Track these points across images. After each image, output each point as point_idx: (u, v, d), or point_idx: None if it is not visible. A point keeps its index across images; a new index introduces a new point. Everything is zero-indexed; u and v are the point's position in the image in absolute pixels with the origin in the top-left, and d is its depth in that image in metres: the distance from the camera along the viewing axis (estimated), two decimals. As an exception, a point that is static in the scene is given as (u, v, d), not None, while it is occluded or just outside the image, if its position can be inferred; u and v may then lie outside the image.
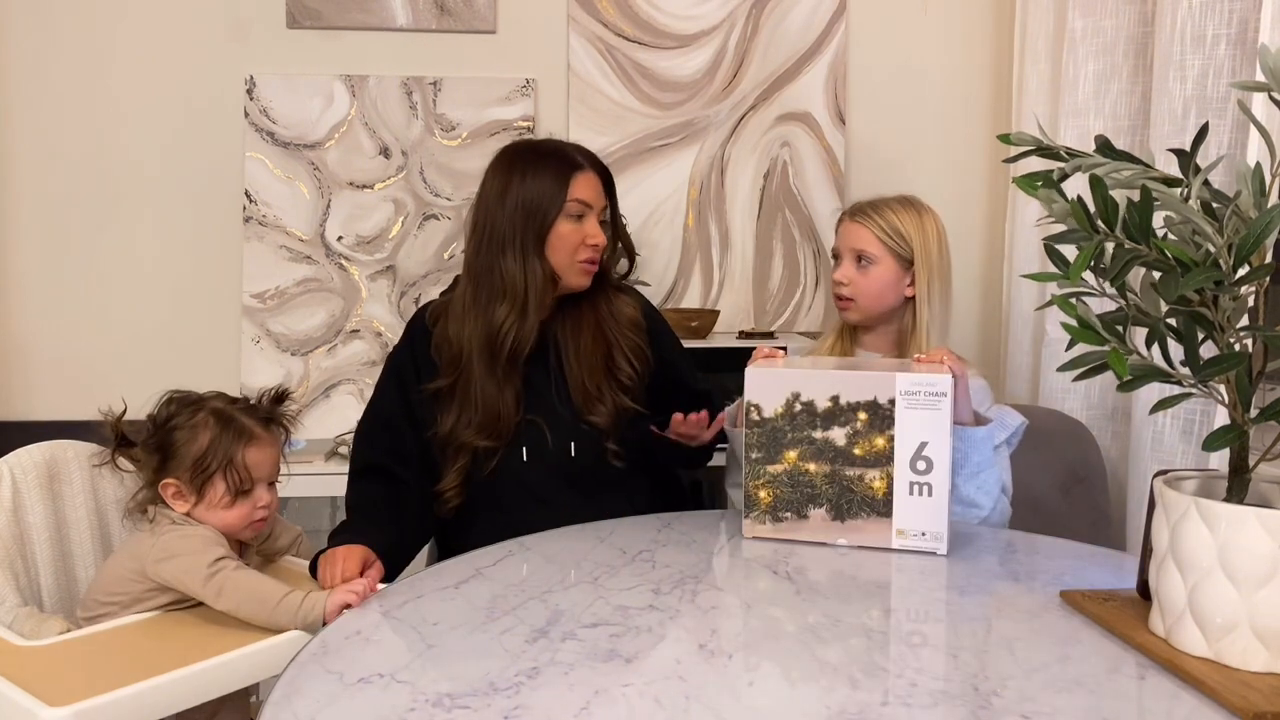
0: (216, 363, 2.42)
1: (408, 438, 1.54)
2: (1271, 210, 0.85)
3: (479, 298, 1.52)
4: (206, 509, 1.29)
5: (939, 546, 1.26)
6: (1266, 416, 0.89)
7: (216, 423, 1.30)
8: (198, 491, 1.29)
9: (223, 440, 1.29)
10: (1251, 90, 0.92)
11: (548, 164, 1.51)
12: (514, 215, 1.49)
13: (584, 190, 1.51)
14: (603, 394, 1.54)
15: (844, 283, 1.61)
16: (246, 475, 1.30)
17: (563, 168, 1.51)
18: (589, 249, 1.52)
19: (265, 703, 0.86)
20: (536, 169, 1.51)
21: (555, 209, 1.49)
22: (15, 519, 1.34)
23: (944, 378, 1.24)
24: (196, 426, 1.29)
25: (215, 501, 1.29)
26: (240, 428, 1.31)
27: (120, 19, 2.41)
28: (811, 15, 2.52)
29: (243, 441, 1.30)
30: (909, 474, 1.26)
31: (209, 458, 1.28)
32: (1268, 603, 0.87)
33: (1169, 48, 1.78)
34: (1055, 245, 0.96)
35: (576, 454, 1.53)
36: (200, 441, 1.28)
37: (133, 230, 2.45)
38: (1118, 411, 2.06)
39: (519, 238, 1.49)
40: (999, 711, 0.83)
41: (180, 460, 1.28)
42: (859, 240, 1.60)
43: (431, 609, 1.08)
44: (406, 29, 2.46)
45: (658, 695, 0.86)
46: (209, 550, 1.23)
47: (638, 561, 1.23)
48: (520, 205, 1.49)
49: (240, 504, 1.30)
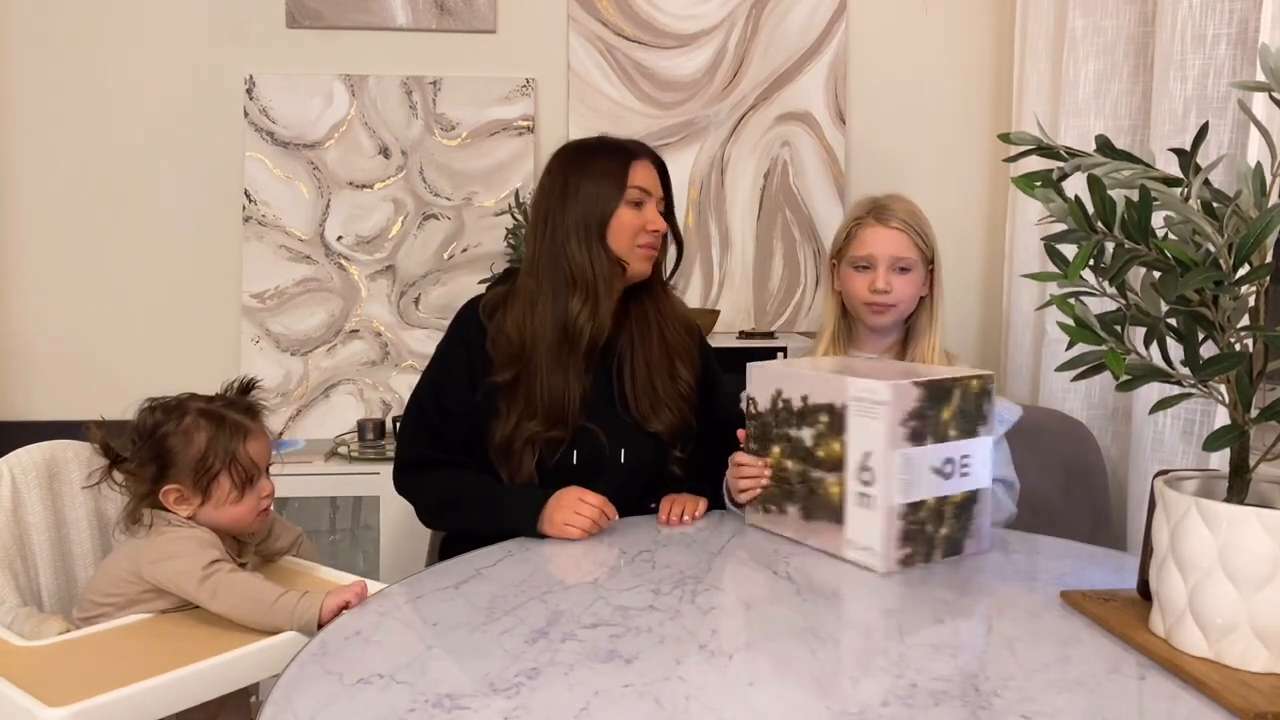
0: (216, 363, 2.42)
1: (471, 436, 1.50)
2: (1272, 210, 0.85)
3: (544, 289, 1.50)
4: (214, 508, 1.30)
5: (876, 564, 1.19)
6: (1267, 416, 0.89)
7: (209, 423, 1.30)
8: (203, 492, 1.29)
9: (220, 438, 1.29)
10: (1252, 90, 0.92)
11: (607, 154, 1.53)
12: (577, 206, 1.50)
13: (643, 177, 1.51)
14: (667, 402, 1.53)
15: (886, 289, 1.57)
16: (252, 466, 1.32)
17: (621, 156, 1.52)
18: (649, 234, 1.51)
19: (265, 703, 0.86)
20: (595, 159, 1.52)
21: (617, 196, 1.49)
22: (15, 519, 1.34)
23: (886, 386, 1.16)
24: (189, 430, 1.29)
25: (223, 499, 1.30)
26: (234, 424, 1.31)
27: (120, 19, 2.41)
28: (811, 15, 2.52)
29: (240, 436, 1.31)
30: (856, 483, 1.21)
31: (210, 457, 1.28)
32: (1268, 603, 0.86)
33: (1169, 47, 1.78)
34: (1055, 245, 0.96)
35: (626, 460, 1.51)
36: (198, 443, 1.28)
37: (132, 230, 2.45)
38: (1118, 411, 2.06)
39: (583, 227, 1.49)
40: (999, 711, 0.83)
41: (180, 465, 1.28)
42: (898, 247, 1.58)
43: (431, 609, 1.08)
44: (406, 29, 2.46)
45: (658, 695, 0.86)
46: (204, 553, 1.23)
47: (638, 561, 1.23)
48: (582, 195, 1.50)
49: (248, 496, 1.32)
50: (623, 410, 1.52)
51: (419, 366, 2.43)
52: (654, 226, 1.51)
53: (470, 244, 2.47)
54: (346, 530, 2.24)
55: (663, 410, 1.52)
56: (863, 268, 1.60)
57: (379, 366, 2.45)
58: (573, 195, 1.50)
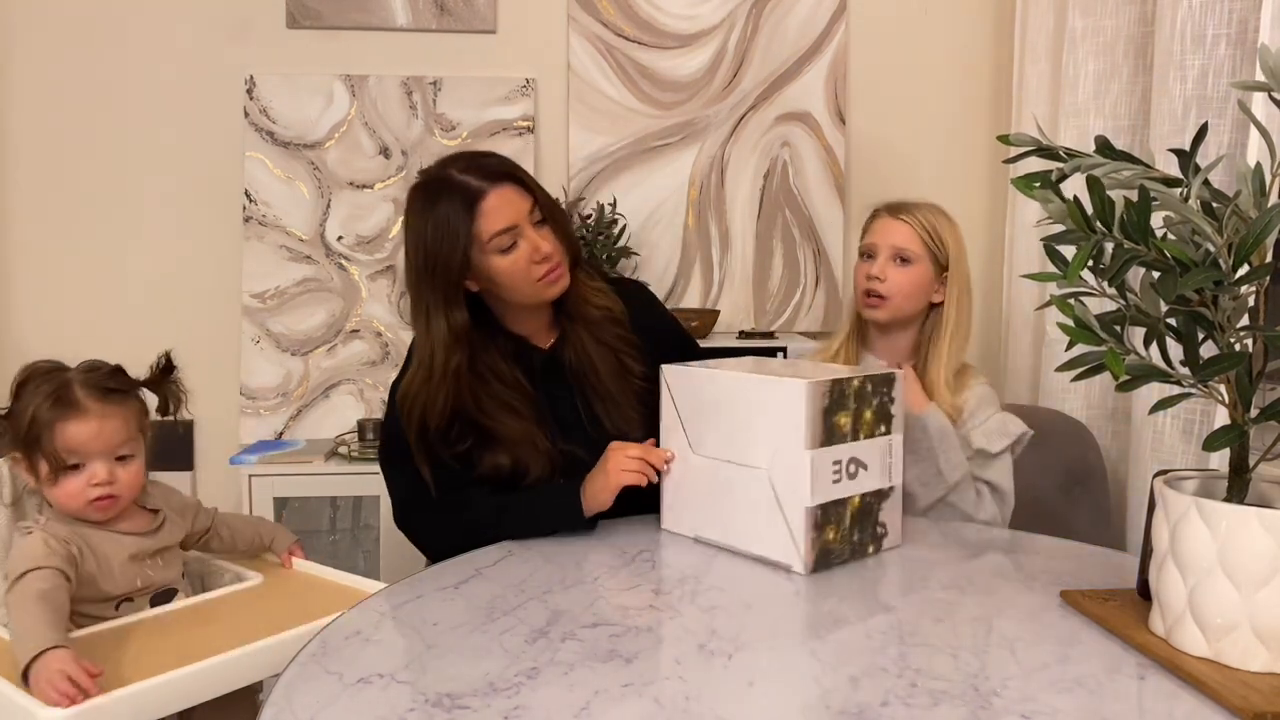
0: (216, 363, 2.42)
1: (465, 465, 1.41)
2: (1271, 210, 0.85)
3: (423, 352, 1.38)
4: (41, 485, 1.24)
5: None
6: (1266, 416, 0.89)
7: (48, 394, 1.22)
8: (34, 467, 1.23)
9: (41, 413, 1.21)
10: (1251, 90, 0.92)
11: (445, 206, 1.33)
12: (421, 277, 1.34)
13: (500, 218, 1.32)
14: (630, 407, 1.44)
15: (880, 278, 1.55)
16: (65, 450, 1.22)
17: (464, 204, 1.32)
18: (540, 265, 1.36)
19: (265, 703, 0.86)
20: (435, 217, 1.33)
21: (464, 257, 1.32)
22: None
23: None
24: (28, 397, 1.22)
25: (45, 478, 1.23)
26: (67, 400, 1.22)
27: (120, 19, 2.41)
28: (811, 15, 2.52)
29: (61, 414, 1.22)
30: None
31: (34, 429, 1.21)
32: (1268, 603, 0.86)
33: (1169, 47, 1.78)
34: (1055, 245, 0.96)
35: None
36: (27, 414, 1.22)
37: (132, 230, 2.45)
38: (1118, 411, 2.06)
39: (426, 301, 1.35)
40: (999, 711, 0.83)
41: (14, 433, 1.22)
42: (900, 237, 1.56)
43: (431, 609, 1.08)
44: (406, 29, 2.46)
45: (658, 695, 0.86)
46: (32, 560, 1.15)
47: (638, 561, 1.23)
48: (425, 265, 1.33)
49: (66, 480, 1.22)
50: (595, 428, 1.43)
51: (419, 366, 2.43)
52: (541, 255, 1.35)
53: (470, 244, 2.47)
54: (346, 530, 2.25)
55: (630, 414, 1.44)
56: (866, 257, 1.60)
57: (379, 366, 2.45)
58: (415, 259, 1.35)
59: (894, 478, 1.27)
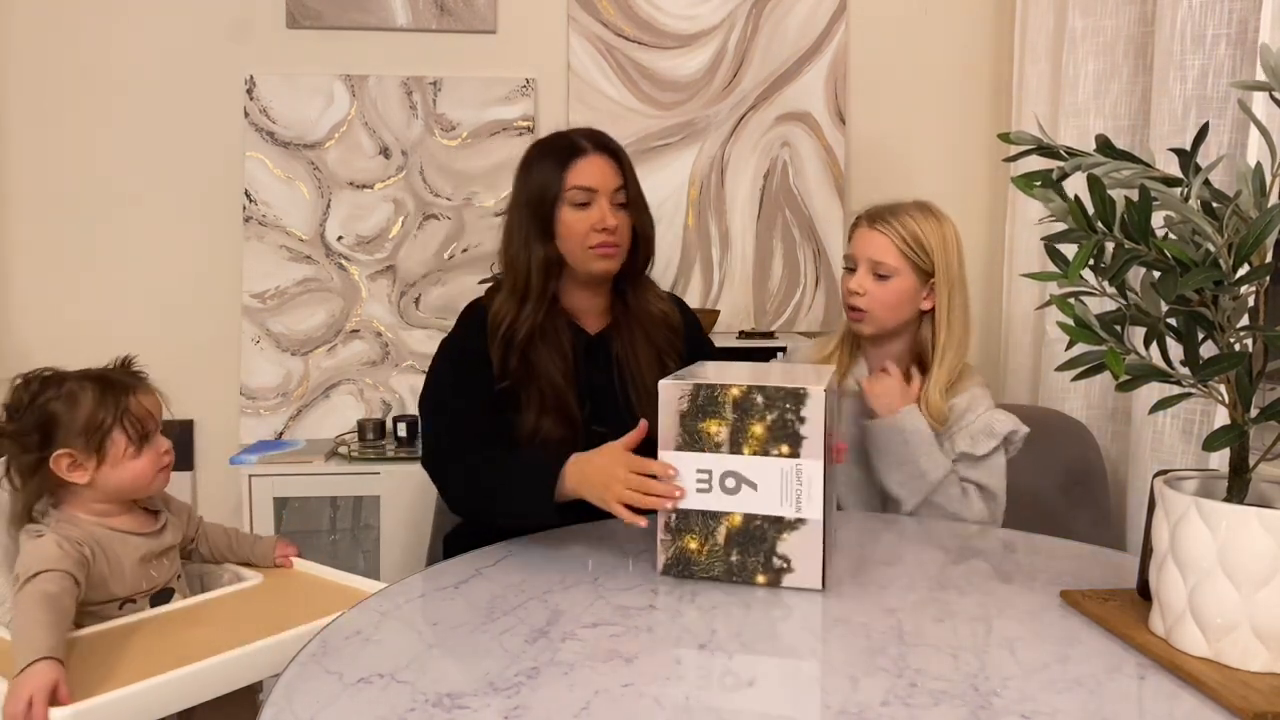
0: (216, 363, 2.42)
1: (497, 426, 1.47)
2: (1271, 210, 0.85)
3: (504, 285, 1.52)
4: (112, 467, 1.26)
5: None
6: (1266, 416, 0.89)
7: (93, 384, 1.27)
8: (98, 451, 1.25)
9: (108, 395, 1.26)
10: (1252, 90, 0.92)
11: (552, 154, 1.51)
12: (523, 207, 1.50)
13: (587, 175, 1.48)
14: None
15: (859, 293, 1.53)
16: (147, 417, 1.28)
17: (564, 155, 1.49)
18: (600, 233, 1.47)
19: (265, 703, 0.86)
20: (543, 159, 1.51)
21: (555, 199, 1.48)
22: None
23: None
24: (73, 393, 1.25)
25: (120, 456, 1.26)
26: (119, 382, 1.29)
27: (120, 19, 2.41)
28: (811, 15, 2.52)
29: (128, 391, 1.28)
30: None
31: (101, 414, 1.25)
32: (1268, 603, 0.86)
33: (1169, 47, 1.78)
34: (1055, 245, 0.96)
35: None
36: (84, 404, 1.25)
37: (132, 230, 2.45)
38: (1118, 411, 2.06)
39: (524, 228, 1.49)
40: (999, 711, 0.83)
41: (68, 428, 1.24)
42: (878, 250, 1.53)
43: (431, 609, 1.08)
44: (406, 29, 2.46)
45: (658, 695, 0.86)
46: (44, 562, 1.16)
47: (638, 561, 1.23)
48: (527, 197, 1.50)
49: (145, 452, 1.28)
50: (628, 413, 1.50)
51: (419, 367, 2.43)
52: (602, 225, 1.47)
53: (470, 244, 2.47)
54: (347, 530, 2.25)
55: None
56: (849, 269, 1.58)
57: (379, 366, 2.45)
58: (520, 196, 1.52)
59: (802, 510, 1.12)
